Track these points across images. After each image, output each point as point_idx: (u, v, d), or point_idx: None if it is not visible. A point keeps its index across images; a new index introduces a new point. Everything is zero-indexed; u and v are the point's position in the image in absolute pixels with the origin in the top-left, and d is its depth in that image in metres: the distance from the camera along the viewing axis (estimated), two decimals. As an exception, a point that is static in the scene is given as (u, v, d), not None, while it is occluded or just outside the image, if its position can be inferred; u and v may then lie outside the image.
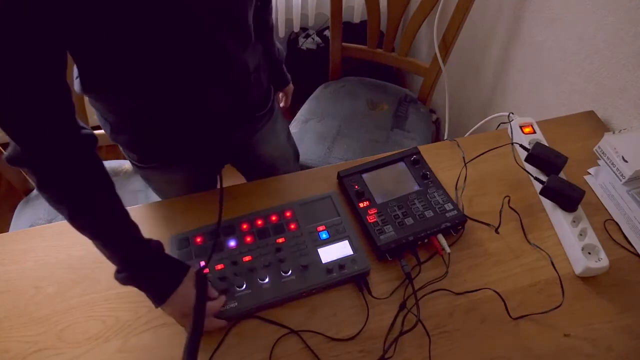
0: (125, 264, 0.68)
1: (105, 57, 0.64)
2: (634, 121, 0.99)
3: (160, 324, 0.75)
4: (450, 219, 0.84)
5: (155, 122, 0.81)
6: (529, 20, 1.26)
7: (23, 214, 1.22)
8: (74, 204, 0.63)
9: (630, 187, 0.92)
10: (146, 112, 0.78)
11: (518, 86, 1.38)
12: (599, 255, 0.80)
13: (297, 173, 0.96)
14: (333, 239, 0.82)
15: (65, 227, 0.86)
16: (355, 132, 1.42)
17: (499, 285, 0.80)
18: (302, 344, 0.73)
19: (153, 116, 0.79)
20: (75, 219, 0.64)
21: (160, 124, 0.82)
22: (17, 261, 0.82)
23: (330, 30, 1.47)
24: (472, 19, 1.33)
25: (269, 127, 1.02)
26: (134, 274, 0.68)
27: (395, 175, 0.91)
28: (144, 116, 0.79)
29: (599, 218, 0.89)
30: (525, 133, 0.98)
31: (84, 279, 0.79)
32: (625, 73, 0.99)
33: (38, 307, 0.76)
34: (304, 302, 0.77)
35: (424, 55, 1.98)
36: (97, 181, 0.66)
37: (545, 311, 0.76)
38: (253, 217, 0.84)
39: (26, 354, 0.71)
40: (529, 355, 0.73)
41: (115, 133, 0.85)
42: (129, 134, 0.85)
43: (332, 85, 1.57)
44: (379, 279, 0.80)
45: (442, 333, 0.75)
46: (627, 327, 0.76)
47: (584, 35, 1.07)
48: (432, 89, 1.49)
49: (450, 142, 1.01)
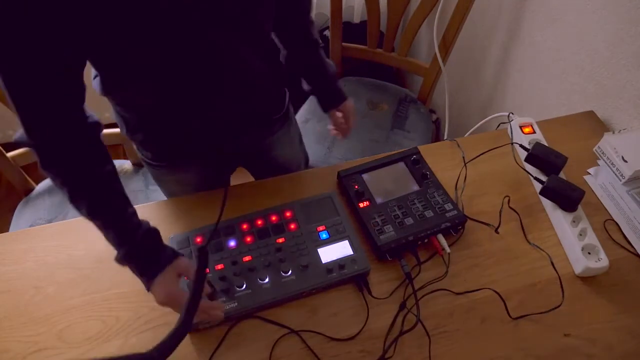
0: (120, 244, 0.68)
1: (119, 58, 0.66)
2: (634, 121, 0.99)
3: (160, 323, 0.75)
4: (450, 219, 0.84)
5: (170, 122, 0.82)
6: (529, 20, 1.26)
7: (23, 214, 1.22)
8: (73, 184, 0.66)
9: (630, 187, 0.92)
10: (162, 112, 0.80)
11: (518, 86, 1.38)
12: (598, 255, 0.80)
13: (297, 173, 0.96)
14: (333, 239, 0.82)
15: (65, 227, 0.87)
16: (355, 132, 1.42)
17: (499, 285, 0.80)
18: (302, 344, 0.73)
19: (168, 116, 0.81)
20: (75, 198, 0.66)
21: (175, 123, 0.83)
22: (17, 261, 0.82)
23: (330, 30, 1.47)
24: (472, 19, 1.33)
25: (284, 131, 1.03)
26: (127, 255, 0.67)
27: (395, 175, 0.91)
28: (160, 116, 0.81)
29: (599, 218, 0.89)
30: (525, 133, 0.98)
31: (84, 279, 0.79)
32: (625, 73, 0.99)
33: (38, 307, 0.76)
34: (304, 302, 0.77)
35: (424, 55, 1.98)
36: (99, 163, 0.67)
37: (545, 311, 0.76)
38: (253, 217, 0.84)
39: (26, 354, 0.71)
40: (529, 355, 0.73)
41: (131, 132, 0.86)
42: (145, 132, 0.86)
43: (332, 85, 1.57)
44: (379, 279, 0.80)
45: (442, 333, 0.75)
46: (627, 327, 0.76)
47: (584, 35, 1.07)
48: (432, 89, 1.49)
49: (450, 142, 1.01)
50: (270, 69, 0.86)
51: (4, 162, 1.19)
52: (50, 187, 1.26)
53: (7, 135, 1.90)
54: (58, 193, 1.24)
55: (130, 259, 0.67)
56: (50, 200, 1.23)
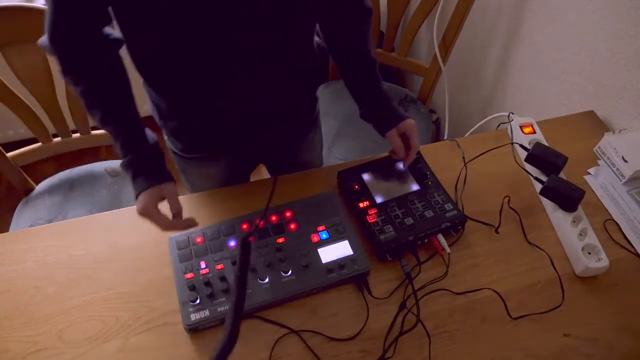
0: (124, 154, 0.74)
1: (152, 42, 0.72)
2: (634, 121, 0.99)
3: (160, 324, 0.75)
4: (450, 219, 0.84)
5: (199, 110, 0.84)
6: (529, 20, 1.26)
7: (23, 214, 1.22)
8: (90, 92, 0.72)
9: (630, 187, 0.92)
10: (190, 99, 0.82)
11: (518, 86, 1.38)
12: (599, 255, 0.80)
13: (297, 173, 0.96)
14: (333, 239, 0.82)
15: (65, 227, 0.87)
16: (355, 132, 1.42)
17: (499, 285, 0.80)
18: (302, 344, 0.73)
19: (197, 105, 0.83)
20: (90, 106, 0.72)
21: (207, 114, 0.85)
22: (17, 261, 0.82)
23: (330, 30, 1.47)
24: (472, 19, 1.33)
25: (311, 136, 1.06)
26: (127, 163, 0.74)
27: (395, 175, 0.91)
28: (189, 103, 0.83)
29: (599, 218, 0.89)
30: (525, 133, 0.98)
31: (84, 279, 0.79)
32: (625, 73, 0.99)
33: (38, 307, 0.76)
34: (304, 302, 0.77)
35: (424, 55, 1.98)
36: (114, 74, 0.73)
37: (545, 311, 0.76)
38: (253, 217, 0.84)
39: (26, 354, 0.71)
40: (529, 355, 0.73)
41: (163, 119, 0.89)
42: (176, 120, 0.88)
43: (332, 85, 1.57)
44: (379, 279, 0.80)
45: (442, 333, 0.75)
46: (627, 327, 0.76)
47: (584, 35, 1.07)
48: (432, 89, 1.49)
49: (450, 142, 1.01)
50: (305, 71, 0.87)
51: (4, 162, 1.19)
52: (50, 187, 1.26)
53: (7, 135, 1.90)
54: (58, 193, 1.24)
55: (128, 168, 0.74)
56: (50, 200, 1.23)
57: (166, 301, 0.77)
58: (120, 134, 0.74)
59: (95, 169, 1.30)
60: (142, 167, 0.74)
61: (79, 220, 0.88)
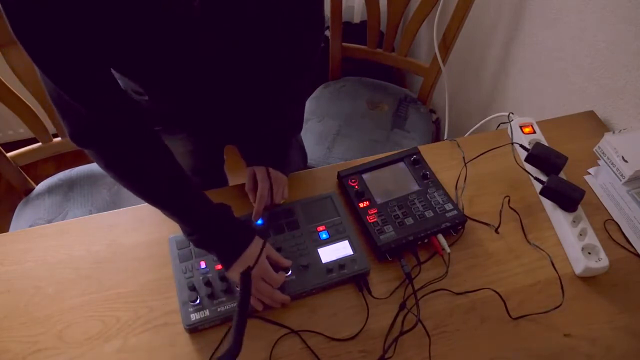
0: (193, 227, 0.73)
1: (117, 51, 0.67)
2: (634, 121, 0.99)
3: (160, 324, 0.75)
4: (450, 219, 0.84)
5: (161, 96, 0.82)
6: (529, 20, 1.26)
7: (23, 214, 1.22)
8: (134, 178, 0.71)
9: (630, 187, 0.92)
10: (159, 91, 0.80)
11: (518, 86, 1.38)
12: (599, 255, 0.80)
13: (297, 173, 0.96)
14: (333, 239, 0.82)
15: (65, 227, 0.87)
16: (355, 132, 1.42)
17: (499, 285, 0.80)
18: (302, 344, 0.73)
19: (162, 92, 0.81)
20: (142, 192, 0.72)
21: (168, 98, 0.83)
22: (17, 261, 0.82)
23: (330, 30, 1.47)
24: (472, 19, 1.33)
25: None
26: (202, 237, 0.73)
27: (395, 175, 0.91)
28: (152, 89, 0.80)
29: (599, 218, 0.89)
30: (525, 133, 0.98)
31: (84, 279, 0.79)
32: (625, 73, 0.99)
33: (38, 307, 0.76)
34: (304, 302, 0.77)
35: (424, 55, 1.98)
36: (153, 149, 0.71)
37: (545, 311, 0.76)
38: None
39: (26, 354, 0.71)
40: (529, 355, 0.73)
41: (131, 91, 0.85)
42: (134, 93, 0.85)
43: (332, 85, 1.57)
44: (379, 279, 0.80)
45: (442, 333, 0.75)
46: (627, 327, 0.76)
47: (584, 35, 1.07)
48: (432, 89, 1.49)
49: (450, 142, 1.01)
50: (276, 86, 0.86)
51: (4, 162, 1.19)
52: (50, 187, 1.26)
53: (7, 135, 1.90)
54: (58, 193, 1.24)
55: (204, 246, 0.74)
56: (50, 200, 1.22)
57: (166, 301, 0.77)
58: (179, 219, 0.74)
59: (95, 169, 1.30)
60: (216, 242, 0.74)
61: (79, 220, 0.88)
